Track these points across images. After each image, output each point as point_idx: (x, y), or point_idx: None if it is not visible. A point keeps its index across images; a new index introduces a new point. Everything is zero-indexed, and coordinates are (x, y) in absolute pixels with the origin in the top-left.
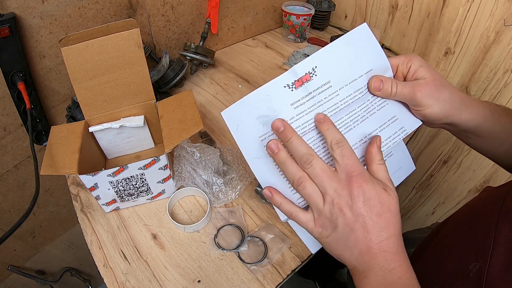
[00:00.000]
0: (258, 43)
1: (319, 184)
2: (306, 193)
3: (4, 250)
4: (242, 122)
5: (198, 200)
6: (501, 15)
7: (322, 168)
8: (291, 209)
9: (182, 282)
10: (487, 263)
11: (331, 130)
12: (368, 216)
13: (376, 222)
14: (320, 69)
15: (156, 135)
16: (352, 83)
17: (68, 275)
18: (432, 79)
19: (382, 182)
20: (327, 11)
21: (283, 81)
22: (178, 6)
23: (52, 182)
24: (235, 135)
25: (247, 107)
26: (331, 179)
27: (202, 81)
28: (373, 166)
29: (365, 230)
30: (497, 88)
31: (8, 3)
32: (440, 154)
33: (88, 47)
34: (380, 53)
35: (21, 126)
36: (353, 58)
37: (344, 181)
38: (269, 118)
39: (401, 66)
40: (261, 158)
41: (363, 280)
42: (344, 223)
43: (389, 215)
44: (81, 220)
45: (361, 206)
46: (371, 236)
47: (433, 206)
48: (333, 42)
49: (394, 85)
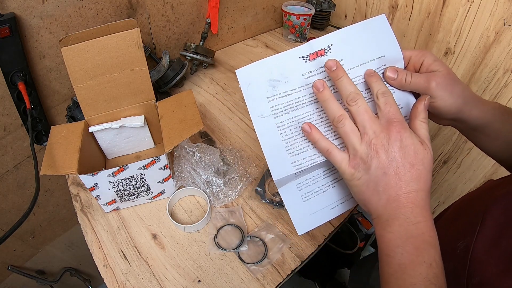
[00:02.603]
0: (258, 43)
1: (360, 122)
2: (345, 130)
3: (4, 250)
4: (254, 82)
5: (198, 200)
6: (501, 15)
7: (366, 108)
8: (328, 146)
9: (182, 282)
10: (473, 241)
11: (378, 83)
12: (401, 163)
13: (409, 170)
14: (335, 47)
15: (156, 135)
16: (363, 65)
17: (68, 275)
18: (447, 73)
19: (420, 137)
20: (327, 11)
21: (299, 52)
22: (178, 6)
23: (52, 182)
24: (245, 93)
25: (261, 69)
26: (372, 120)
27: (202, 81)
28: (416, 121)
29: (397, 176)
30: (497, 88)
31: (8, 3)
32: (440, 154)
33: (88, 47)
34: (395, 43)
35: (21, 126)
36: (367, 43)
37: (384, 125)
38: (279, 82)
39: (414, 59)
40: (265, 117)
41: (386, 228)
42: (378, 165)
43: (422, 168)
44: (81, 220)
45: (397, 151)
46: (401, 184)
47: (433, 206)
48: (351, 26)
49: (408, 75)
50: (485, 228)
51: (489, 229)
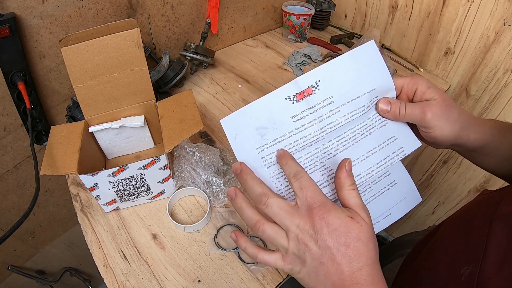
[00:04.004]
0: (258, 43)
1: (280, 222)
2: (266, 236)
3: (4, 250)
4: (241, 132)
5: (198, 200)
6: (501, 15)
7: (280, 205)
8: (255, 252)
9: (182, 282)
10: (478, 267)
11: (289, 164)
12: (335, 248)
13: (345, 253)
14: (324, 83)
15: (156, 135)
16: (354, 101)
17: (68, 275)
18: (442, 100)
19: (350, 209)
20: (327, 11)
21: (285, 92)
22: (178, 6)
23: (52, 182)
24: (233, 145)
25: (247, 117)
26: (292, 215)
27: (202, 81)
28: (343, 192)
29: (334, 262)
30: (497, 88)
31: (8, 3)
32: (440, 154)
33: (88, 47)
34: (385, 72)
35: (21, 126)
36: (357, 75)
37: (305, 215)
38: (267, 130)
39: (406, 87)
40: (257, 169)
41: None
42: (311, 257)
43: (359, 243)
44: (81, 220)
45: (326, 238)
46: (342, 268)
47: (433, 206)
48: (339, 57)
49: (402, 106)
50: (490, 254)
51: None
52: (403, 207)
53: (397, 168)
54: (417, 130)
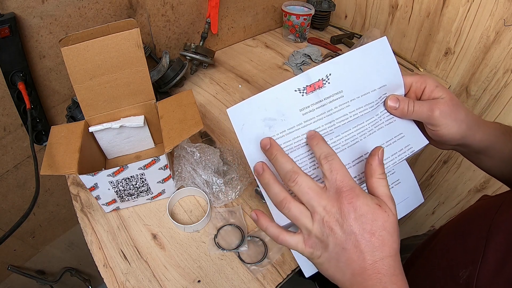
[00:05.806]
0: (258, 43)
1: (307, 202)
2: (292, 215)
3: (4, 250)
4: (248, 122)
5: (198, 200)
6: (501, 15)
7: (309, 185)
8: (276, 233)
9: (182, 282)
10: (477, 270)
11: (320, 145)
12: (360, 234)
13: (369, 240)
14: (334, 77)
15: (156, 135)
16: (364, 96)
17: (68, 275)
18: (450, 99)
19: (378, 198)
20: (327, 11)
21: (295, 84)
22: (178, 6)
23: (52, 182)
24: (239, 135)
25: (255, 107)
26: (319, 196)
27: (202, 81)
28: (372, 180)
29: (357, 249)
30: (497, 88)
31: (8, 3)
32: (440, 154)
33: (88, 47)
34: (396, 69)
35: (21, 126)
36: (368, 71)
37: (333, 198)
38: (275, 121)
39: (415, 85)
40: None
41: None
42: (335, 242)
43: (384, 233)
44: (81, 220)
45: (352, 223)
46: (364, 256)
47: (433, 206)
48: (351, 52)
49: (410, 104)
50: (488, 257)
51: (492, 258)
52: (405, 207)
53: (402, 167)
54: (424, 129)
